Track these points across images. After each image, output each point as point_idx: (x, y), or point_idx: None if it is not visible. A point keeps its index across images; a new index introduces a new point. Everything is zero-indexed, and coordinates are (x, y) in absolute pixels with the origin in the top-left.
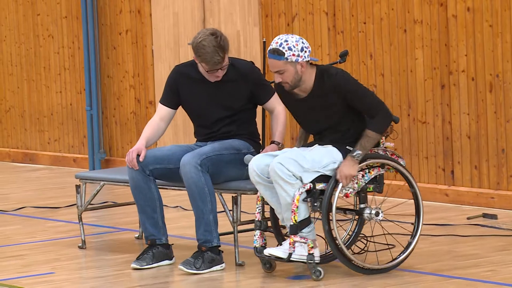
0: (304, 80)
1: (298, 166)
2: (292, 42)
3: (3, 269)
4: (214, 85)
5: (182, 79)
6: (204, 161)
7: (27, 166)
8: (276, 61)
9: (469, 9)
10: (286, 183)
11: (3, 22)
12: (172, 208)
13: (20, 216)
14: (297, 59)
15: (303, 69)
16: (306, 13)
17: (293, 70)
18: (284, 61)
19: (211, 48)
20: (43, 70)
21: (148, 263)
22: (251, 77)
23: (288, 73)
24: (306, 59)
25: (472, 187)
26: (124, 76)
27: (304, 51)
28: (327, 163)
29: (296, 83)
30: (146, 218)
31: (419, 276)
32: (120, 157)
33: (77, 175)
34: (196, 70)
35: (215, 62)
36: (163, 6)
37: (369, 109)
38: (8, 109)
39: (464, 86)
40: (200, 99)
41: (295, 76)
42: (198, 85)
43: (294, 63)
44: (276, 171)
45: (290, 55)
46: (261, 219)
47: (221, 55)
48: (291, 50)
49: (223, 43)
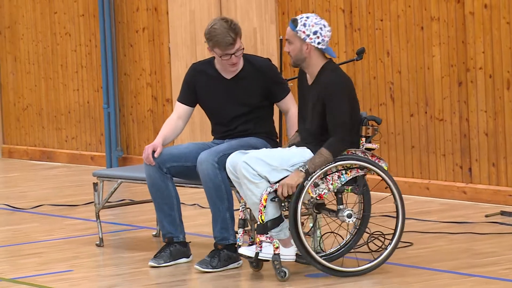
0: (309, 64)
1: (265, 165)
2: (311, 21)
3: (21, 267)
4: (231, 81)
5: (199, 76)
6: (221, 159)
7: (44, 164)
8: (289, 29)
9: (486, 6)
10: (250, 183)
11: (20, 21)
12: (189, 206)
13: (38, 214)
14: (305, 38)
15: (308, 51)
16: (323, 10)
17: (298, 46)
18: (294, 33)
19: (222, 29)
20: (60, 68)
21: (165, 261)
22: (267, 74)
23: (293, 46)
24: (314, 44)
25: (490, 184)
26: (141, 74)
27: (317, 36)
28: (296, 162)
29: (299, 62)
30: (164, 216)
31: (437, 274)
32: (137, 155)
33: (95, 173)
34: (213, 68)
35: (227, 43)
36: (179, 3)
37: (331, 126)
38: (25, 107)
39: (481, 83)
40: (216, 96)
41: (298, 53)
42: (214, 82)
43: (302, 40)
44: (242, 170)
45: (301, 31)
46: (244, 217)
47: (233, 36)
48: (304, 27)
49: (234, 26)
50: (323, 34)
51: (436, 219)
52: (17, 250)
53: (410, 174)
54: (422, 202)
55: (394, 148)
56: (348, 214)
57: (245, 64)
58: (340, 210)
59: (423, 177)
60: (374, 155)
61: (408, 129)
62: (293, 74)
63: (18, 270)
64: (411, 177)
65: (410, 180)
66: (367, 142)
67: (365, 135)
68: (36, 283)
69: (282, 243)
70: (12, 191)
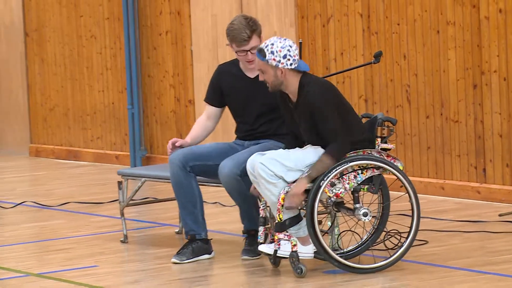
0: (288, 85)
1: (280, 166)
2: (277, 47)
3: (48, 262)
4: (254, 81)
5: (224, 76)
6: (243, 169)
7: (71, 163)
8: (258, 60)
9: (501, 10)
10: (268, 183)
11: (47, 24)
12: (211, 204)
13: (65, 211)
14: (277, 64)
15: (283, 75)
16: (341, 15)
17: (272, 73)
18: (265, 62)
19: (239, 25)
20: (86, 70)
21: (188, 258)
22: None
23: (268, 75)
24: (287, 66)
25: (504, 184)
26: (164, 75)
27: (287, 58)
28: (310, 162)
29: (277, 86)
30: (187, 214)
31: (452, 271)
32: (160, 155)
33: (119, 171)
34: (237, 68)
35: (242, 39)
36: (202, 7)
37: (325, 135)
38: (52, 108)
39: (496, 86)
40: (240, 95)
41: (275, 80)
42: (238, 81)
43: (274, 67)
44: (259, 171)
45: (271, 59)
46: (264, 215)
47: (248, 33)
48: (272, 54)
49: (252, 23)
50: (292, 55)
51: (451, 218)
52: (44, 246)
53: (426, 174)
54: (437, 201)
55: (411, 149)
56: (364, 212)
57: None
58: (357, 208)
59: (439, 177)
60: (390, 155)
61: (424, 130)
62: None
63: (45, 265)
64: (426, 177)
65: (425, 180)
66: (382, 142)
67: (380, 136)
68: (62, 278)
69: (301, 241)
70: (39, 189)
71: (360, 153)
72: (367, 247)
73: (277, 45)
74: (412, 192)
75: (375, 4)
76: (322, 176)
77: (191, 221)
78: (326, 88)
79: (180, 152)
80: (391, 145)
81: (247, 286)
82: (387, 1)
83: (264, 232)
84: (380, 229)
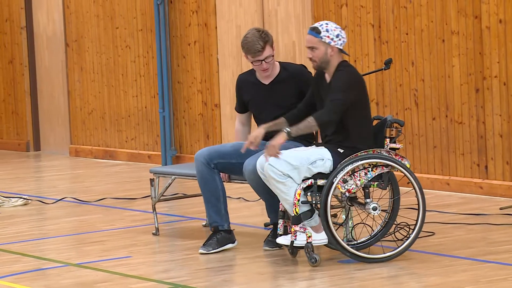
0: (331, 64)
1: (287, 165)
2: (331, 26)
3: (86, 253)
4: (268, 86)
5: (243, 85)
6: None
7: (107, 162)
8: (312, 37)
9: (501, 21)
10: (277, 182)
11: (86, 35)
12: (235, 199)
13: (101, 206)
14: (330, 42)
15: (333, 53)
16: (355, 25)
17: (323, 50)
18: (319, 39)
19: (253, 38)
20: (121, 77)
21: (214, 248)
22: (300, 77)
23: (318, 51)
24: (338, 45)
25: (504, 180)
26: (192, 82)
27: (339, 38)
28: (314, 159)
29: (323, 64)
30: (211, 207)
31: (457, 260)
32: (189, 154)
33: (152, 170)
34: (254, 76)
35: (256, 50)
36: (227, 19)
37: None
38: (90, 112)
39: (496, 90)
40: (257, 100)
41: (324, 57)
42: (255, 88)
43: (327, 44)
44: (268, 171)
45: (326, 36)
46: (284, 209)
47: (261, 44)
48: (327, 32)
49: (264, 35)
50: (343, 36)
51: (456, 211)
52: (82, 239)
53: (432, 171)
54: (443, 196)
55: (418, 148)
56: (374, 207)
57: (281, 70)
58: (367, 203)
59: (444, 173)
60: (398, 154)
61: (431, 131)
62: None
63: (83, 256)
64: (433, 173)
65: (432, 177)
66: (391, 142)
67: (389, 136)
68: (99, 267)
69: (314, 229)
70: (78, 186)
71: (370, 152)
72: (378, 239)
73: (331, 25)
74: (418, 188)
75: (386, 15)
76: (334, 173)
77: (215, 214)
78: (356, 76)
79: (205, 150)
80: (399, 144)
81: (267, 275)
82: (396, 12)
83: (283, 225)
84: (390, 223)
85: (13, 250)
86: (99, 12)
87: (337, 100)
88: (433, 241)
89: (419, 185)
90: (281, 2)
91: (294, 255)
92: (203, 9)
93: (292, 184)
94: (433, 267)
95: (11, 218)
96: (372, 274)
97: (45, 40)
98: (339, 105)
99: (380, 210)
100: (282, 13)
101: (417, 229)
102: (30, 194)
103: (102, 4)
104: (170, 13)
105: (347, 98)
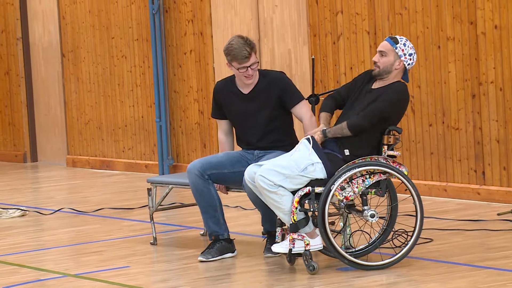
0: (389, 78)
1: (278, 175)
2: (409, 44)
3: (84, 264)
4: (248, 96)
5: (222, 94)
6: None
7: (104, 172)
8: (387, 43)
9: (497, 26)
10: (270, 192)
11: (82, 45)
12: (233, 208)
13: (99, 216)
14: (401, 55)
15: (398, 67)
16: (350, 33)
17: (392, 60)
18: (393, 48)
19: (239, 45)
20: (118, 86)
21: (213, 256)
22: (278, 83)
23: (386, 59)
24: (406, 63)
25: (501, 186)
26: (188, 91)
27: (410, 58)
28: (305, 165)
29: (384, 73)
30: (209, 217)
31: (455, 266)
32: (186, 163)
33: (149, 179)
34: (234, 85)
35: (243, 56)
36: (222, 28)
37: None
38: (87, 122)
39: (493, 95)
40: (237, 111)
41: (388, 67)
42: (235, 98)
43: (397, 56)
44: (259, 183)
45: (401, 49)
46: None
47: (248, 50)
48: (404, 46)
49: (249, 42)
50: (414, 59)
51: (453, 217)
52: (80, 249)
53: (430, 177)
54: (440, 202)
55: (415, 154)
56: (371, 214)
57: (260, 78)
58: (365, 210)
59: (441, 180)
60: (395, 161)
61: (428, 137)
62: (324, 89)
63: (81, 267)
64: (430, 180)
65: (429, 183)
66: (389, 149)
67: (387, 143)
68: (97, 278)
69: (309, 235)
70: (75, 196)
71: (368, 159)
72: (376, 246)
73: (409, 43)
74: (416, 195)
75: (381, 22)
76: (332, 181)
77: (213, 224)
78: (404, 94)
79: (197, 162)
80: (397, 152)
81: (266, 283)
82: (392, 19)
83: (281, 233)
84: (388, 230)
85: (11, 262)
86: (94, 22)
87: (375, 109)
88: (431, 248)
89: (417, 192)
90: (277, 10)
91: (292, 263)
92: (198, 18)
93: (284, 193)
94: (431, 274)
95: (8, 229)
96: (370, 282)
97: (41, 51)
98: (375, 113)
99: (378, 217)
100: (277, 21)
101: (415, 236)
102: (27, 205)
103: (98, 14)
104: (166, 22)
105: (385, 111)
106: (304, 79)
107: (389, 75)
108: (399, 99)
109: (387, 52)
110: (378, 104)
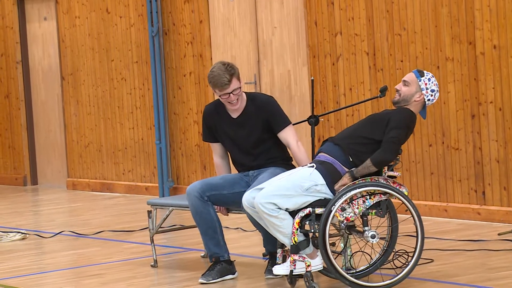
0: (408, 106)
1: (282, 197)
2: (434, 81)
3: (85, 287)
4: (237, 120)
5: (211, 118)
6: None
7: (104, 195)
8: (413, 75)
9: (495, 47)
10: (271, 217)
11: (81, 68)
12: (233, 229)
13: (99, 239)
14: (424, 89)
15: (418, 100)
16: (349, 54)
17: (413, 91)
18: (417, 80)
19: (218, 71)
20: (117, 109)
21: (214, 278)
22: (266, 107)
23: (408, 89)
24: (426, 97)
25: (502, 206)
26: (188, 113)
27: (432, 94)
28: (309, 186)
29: (403, 102)
30: (209, 239)
31: (456, 287)
32: (186, 185)
33: (149, 201)
34: (222, 109)
35: (222, 83)
36: (222, 50)
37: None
38: (87, 145)
39: (492, 115)
40: (227, 135)
41: (409, 97)
42: (224, 122)
43: (419, 88)
44: (260, 208)
45: (424, 82)
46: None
47: (228, 77)
48: (429, 81)
49: (230, 68)
50: (435, 96)
51: (454, 237)
52: (81, 272)
53: (430, 197)
54: (441, 222)
55: (415, 175)
56: (372, 235)
57: (248, 103)
58: (365, 231)
59: (442, 200)
60: (396, 182)
61: (428, 157)
62: (324, 110)
63: None
64: (430, 200)
65: (429, 203)
66: (389, 170)
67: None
68: None
69: (309, 256)
70: (76, 219)
71: (368, 180)
72: (377, 267)
73: (434, 80)
74: (416, 216)
75: (380, 43)
76: (332, 202)
77: (213, 245)
78: (413, 117)
79: (197, 184)
80: (397, 172)
81: None
82: (391, 40)
83: (282, 254)
84: (389, 250)
85: (12, 285)
86: (94, 45)
87: (394, 139)
88: (432, 268)
89: (417, 212)
90: (276, 31)
91: (293, 285)
92: (198, 40)
93: (285, 216)
94: None
95: (9, 252)
96: None
97: (40, 74)
98: (396, 144)
99: (378, 238)
100: (277, 42)
101: (416, 256)
102: (28, 228)
103: (97, 37)
104: (165, 44)
105: (403, 138)
106: (303, 100)
107: (408, 104)
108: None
109: (410, 82)
110: (393, 134)
